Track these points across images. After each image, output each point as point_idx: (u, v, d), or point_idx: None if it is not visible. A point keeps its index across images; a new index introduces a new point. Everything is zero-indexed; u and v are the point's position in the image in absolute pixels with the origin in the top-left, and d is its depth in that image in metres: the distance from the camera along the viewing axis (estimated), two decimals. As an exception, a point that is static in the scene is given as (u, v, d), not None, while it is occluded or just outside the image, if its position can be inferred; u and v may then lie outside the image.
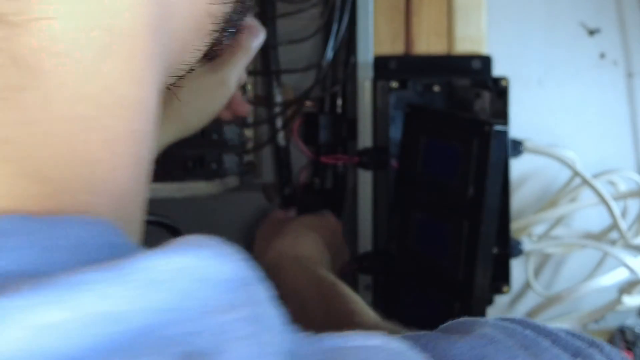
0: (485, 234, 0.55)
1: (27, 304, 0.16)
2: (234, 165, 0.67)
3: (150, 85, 0.22)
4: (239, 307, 0.17)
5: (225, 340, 0.17)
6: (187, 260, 0.18)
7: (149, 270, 0.17)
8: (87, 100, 0.20)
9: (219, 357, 0.16)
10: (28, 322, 0.16)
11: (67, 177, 0.20)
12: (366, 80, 0.67)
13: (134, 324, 0.16)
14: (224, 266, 0.18)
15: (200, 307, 0.17)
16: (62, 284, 0.16)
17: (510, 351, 0.23)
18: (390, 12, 0.68)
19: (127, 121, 0.21)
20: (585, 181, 0.72)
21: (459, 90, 0.67)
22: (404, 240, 0.64)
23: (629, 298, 0.71)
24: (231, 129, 0.66)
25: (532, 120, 0.76)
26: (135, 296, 0.17)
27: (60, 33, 0.19)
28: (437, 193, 0.60)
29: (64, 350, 0.16)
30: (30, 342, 0.15)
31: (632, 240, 0.73)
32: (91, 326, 0.16)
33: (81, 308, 0.16)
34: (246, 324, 0.17)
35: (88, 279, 0.16)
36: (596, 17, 0.79)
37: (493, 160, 0.55)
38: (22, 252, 0.17)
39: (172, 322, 0.17)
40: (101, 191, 0.20)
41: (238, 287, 0.18)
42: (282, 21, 0.69)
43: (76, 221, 0.19)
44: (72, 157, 0.20)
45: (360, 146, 0.67)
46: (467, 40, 0.68)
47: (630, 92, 0.80)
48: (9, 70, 0.18)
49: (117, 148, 0.21)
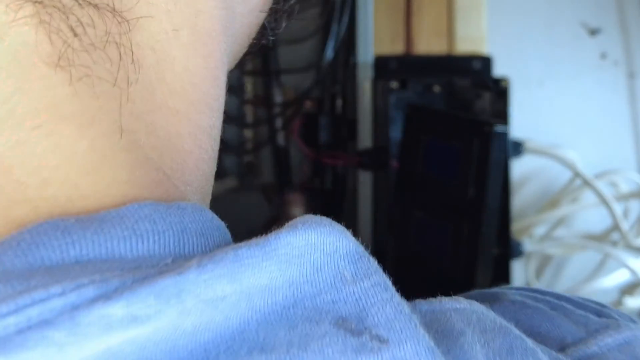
0: (486, 235, 0.55)
1: (199, 278, 0.17)
2: (233, 165, 0.67)
3: (223, 84, 0.24)
4: (369, 275, 0.19)
5: (368, 305, 0.18)
6: (315, 237, 0.19)
7: (290, 246, 0.18)
8: (179, 95, 0.22)
9: (368, 320, 0.18)
10: (202, 296, 0.17)
11: (170, 167, 0.21)
12: (366, 80, 0.66)
13: (286, 295, 0.18)
14: (344, 240, 0.19)
15: (335, 277, 0.19)
16: (225, 260, 0.17)
17: (544, 313, 0.24)
18: (390, 12, 0.68)
19: (208, 117, 0.23)
20: (586, 182, 0.72)
21: (459, 91, 0.67)
22: (404, 241, 0.64)
23: (631, 299, 0.71)
24: (230, 129, 0.66)
25: (532, 121, 0.76)
26: (283, 269, 0.18)
27: (158, 31, 0.21)
28: (437, 194, 0.60)
29: (233, 322, 0.17)
30: (204, 315, 0.17)
31: (633, 241, 0.72)
32: (253, 298, 0.17)
33: (244, 281, 0.17)
34: (381, 290, 0.19)
35: (244, 255, 0.18)
36: (597, 17, 0.79)
37: (493, 161, 0.55)
38: (163, 235, 0.19)
39: (316, 293, 0.18)
40: (192, 181, 0.22)
41: (360, 259, 0.19)
42: (282, 21, 0.69)
43: (191, 208, 0.20)
44: (171, 148, 0.21)
45: (360, 146, 0.67)
46: (467, 40, 0.68)
47: (632, 92, 0.80)
48: (124, 64, 0.20)
49: (201, 142, 0.23)
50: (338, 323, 0.18)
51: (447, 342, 0.19)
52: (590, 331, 0.24)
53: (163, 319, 0.16)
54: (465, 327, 0.20)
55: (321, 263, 0.19)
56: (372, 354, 0.17)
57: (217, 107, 0.24)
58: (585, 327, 0.24)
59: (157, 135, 0.21)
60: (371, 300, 0.18)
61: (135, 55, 0.20)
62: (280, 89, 0.69)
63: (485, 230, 0.55)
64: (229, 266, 0.17)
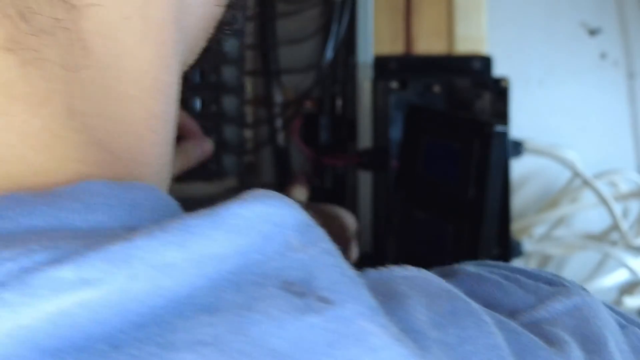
0: (486, 235, 0.55)
1: (147, 245, 0.17)
2: (234, 165, 0.67)
3: (176, 73, 0.25)
4: (315, 243, 0.20)
5: (314, 269, 0.19)
6: (264, 208, 0.20)
7: (239, 217, 0.19)
8: (130, 82, 0.22)
9: (313, 283, 0.19)
10: (151, 262, 0.17)
11: (122, 149, 0.22)
12: (366, 80, 0.66)
13: (234, 263, 0.18)
14: (292, 212, 0.20)
15: (283, 246, 0.19)
16: (172, 229, 0.18)
17: (498, 284, 0.26)
18: (390, 12, 0.68)
19: (161, 103, 0.24)
20: (586, 182, 0.72)
21: (459, 91, 0.67)
22: (404, 241, 0.64)
23: (630, 299, 0.71)
24: (230, 129, 0.66)
25: (532, 121, 0.76)
26: (231, 238, 0.19)
27: (107, 19, 0.21)
28: (437, 194, 0.60)
29: (183, 288, 0.17)
30: (154, 280, 0.17)
31: (633, 241, 0.72)
32: (203, 266, 0.18)
33: (193, 249, 0.18)
34: (327, 255, 0.20)
35: (194, 224, 0.18)
36: (597, 17, 0.79)
37: (493, 161, 0.55)
38: (115, 209, 0.19)
39: (264, 260, 0.19)
40: (147, 164, 0.23)
41: (308, 229, 0.20)
42: (282, 21, 0.69)
43: (141, 187, 0.21)
44: (124, 131, 0.22)
45: (360, 146, 0.67)
46: (467, 40, 0.68)
47: (631, 92, 0.80)
48: (74, 49, 0.21)
49: (154, 127, 0.23)
50: (285, 287, 0.18)
51: (392, 304, 0.20)
52: (540, 298, 0.25)
53: (112, 283, 0.17)
54: (411, 291, 0.21)
55: (270, 233, 0.19)
56: (316, 313, 0.18)
57: (170, 93, 0.24)
58: (536, 294, 0.25)
59: (108, 118, 0.22)
60: (317, 265, 0.19)
61: (85, 41, 0.21)
62: (280, 89, 0.69)
63: (485, 230, 0.55)
64: (178, 234, 0.18)
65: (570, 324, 0.24)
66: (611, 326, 0.24)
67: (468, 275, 0.26)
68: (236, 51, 0.66)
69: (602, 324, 0.24)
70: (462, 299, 0.22)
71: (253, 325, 0.17)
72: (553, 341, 0.22)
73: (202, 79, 0.65)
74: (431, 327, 0.20)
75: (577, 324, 0.24)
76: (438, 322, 0.20)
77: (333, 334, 0.18)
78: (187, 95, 0.65)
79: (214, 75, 0.65)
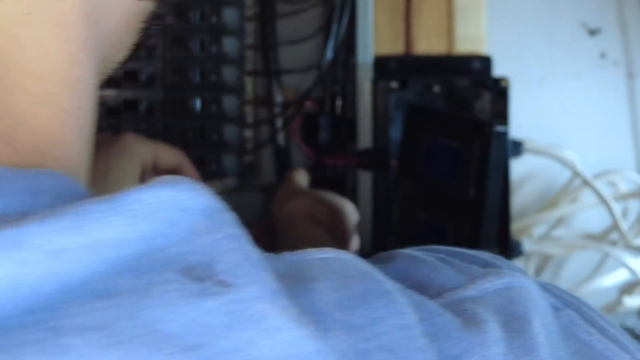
0: (486, 235, 0.55)
1: (39, 230, 0.17)
2: (234, 165, 0.67)
3: (89, 68, 0.25)
4: (220, 228, 0.20)
5: (216, 254, 0.19)
6: (169, 194, 0.20)
7: (141, 202, 0.19)
8: (35, 78, 0.22)
9: (215, 267, 0.19)
10: (45, 247, 0.17)
11: (25, 143, 0.22)
12: (366, 80, 0.66)
13: (134, 248, 0.18)
14: (199, 197, 0.20)
15: (187, 232, 0.19)
16: (69, 214, 0.18)
17: (432, 265, 0.26)
18: (390, 12, 0.68)
19: (70, 99, 0.24)
20: (586, 182, 0.72)
21: (459, 91, 0.67)
22: (404, 241, 0.64)
23: (630, 299, 0.71)
24: (230, 129, 0.66)
25: (532, 121, 0.76)
26: (132, 224, 0.19)
27: (6, 14, 0.21)
28: (437, 194, 0.60)
29: (78, 273, 0.17)
30: (46, 266, 0.17)
31: (632, 241, 0.72)
32: (101, 251, 0.18)
33: (90, 234, 0.18)
34: (231, 240, 0.20)
35: (91, 209, 0.18)
36: (596, 17, 0.79)
37: (493, 161, 0.55)
38: (14, 195, 0.19)
39: (166, 246, 0.19)
40: (58, 158, 0.23)
41: (214, 214, 0.20)
42: (282, 21, 0.69)
43: (46, 173, 0.21)
44: (30, 126, 0.22)
45: (360, 146, 0.67)
46: (467, 40, 0.68)
47: (631, 92, 0.80)
48: None
49: (66, 121, 0.23)
50: (185, 271, 0.18)
51: (300, 286, 0.20)
52: (471, 278, 0.25)
53: (1, 269, 0.17)
54: (323, 274, 0.21)
55: (175, 218, 0.19)
56: (214, 297, 0.18)
57: (82, 89, 0.24)
58: (468, 275, 0.26)
59: (8, 113, 0.22)
60: (220, 250, 0.19)
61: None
62: (280, 89, 0.69)
63: (485, 230, 0.55)
64: (74, 219, 0.18)
65: (497, 303, 0.24)
66: (541, 308, 0.24)
67: (403, 258, 0.27)
68: (236, 51, 0.66)
69: (530, 305, 0.24)
70: (377, 280, 0.22)
71: (146, 310, 0.17)
72: (474, 321, 0.22)
73: (202, 79, 0.65)
74: (337, 309, 0.20)
75: (504, 304, 0.24)
76: (346, 304, 0.20)
77: (230, 317, 0.18)
78: (187, 95, 0.65)
79: (214, 75, 0.65)
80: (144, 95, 0.64)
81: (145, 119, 0.64)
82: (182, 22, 0.64)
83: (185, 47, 0.64)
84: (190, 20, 0.64)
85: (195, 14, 0.64)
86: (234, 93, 0.66)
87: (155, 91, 0.64)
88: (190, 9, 0.64)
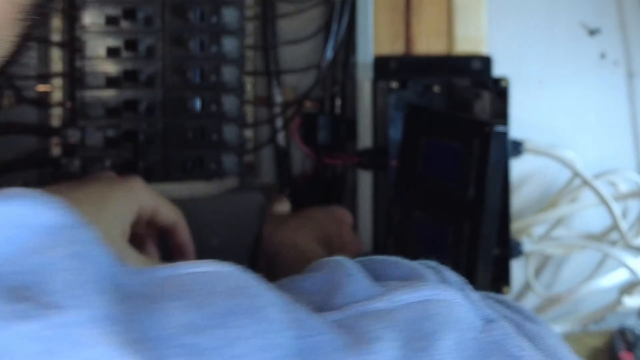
0: (486, 235, 0.55)
1: None
2: (234, 165, 0.67)
3: None
4: (60, 246, 0.19)
5: (48, 273, 0.18)
6: (5, 209, 0.19)
7: None
8: None
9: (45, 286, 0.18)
10: None
11: None
12: (366, 80, 0.66)
13: None
14: (43, 213, 0.19)
15: (21, 250, 0.19)
16: None
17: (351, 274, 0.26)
18: (390, 12, 0.68)
19: None
20: (586, 182, 0.72)
21: (459, 91, 0.67)
22: (404, 241, 0.64)
23: (630, 299, 0.71)
24: (230, 129, 0.66)
25: (532, 121, 0.76)
26: None
27: None
28: (437, 194, 0.60)
29: None
30: None
31: (632, 241, 0.72)
32: None
33: None
34: (68, 259, 0.19)
35: None
36: (596, 17, 0.79)
37: (493, 161, 0.55)
38: None
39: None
40: None
41: (59, 231, 0.19)
42: (282, 21, 0.69)
43: None
44: None
45: (360, 146, 0.67)
46: (467, 40, 0.68)
47: (631, 92, 0.80)
48: None
49: None
50: (8, 292, 0.18)
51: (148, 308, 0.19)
52: (388, 290, 0.25)
53: None
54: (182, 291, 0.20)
55: (8, 235, 0.19)
56: (29, 320, 0.17)
57: None
58: (386, 286, 0.25)
59: None
60: (54, 269, 0.18)
61: None
62: (280, 89, 0.69)
63: (484, 230, 0.55)
64: None
65: (406, 318, 0.23)
66: (461, 323, 0.24)
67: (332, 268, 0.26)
68: (236, 51, 0.66)
69: (444, 320, 0.23)
70: (252, 295, 0.21)
71: None
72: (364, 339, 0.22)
73: (202, 79, 0.65)
74: (186, 331, 0.19)
75: (414, 318, 0.23)
76: (200, 325, 0.19)
77: (46, 343, 0.17)
78: (187, 95, 0.65)
79: (214, 75, 0.65)
80: (144, 95, 0.64)
81: (145, 119, 0.64)
82: (182, 22, 0.64)
83: (185, 47, 0.64)
84: (190, 20, 0.64)
85: (195, 14, 0.64)
86: (234, 93, 0.66)
87: (155, 91, 0.64)
88: (190, 9, 0.64)
